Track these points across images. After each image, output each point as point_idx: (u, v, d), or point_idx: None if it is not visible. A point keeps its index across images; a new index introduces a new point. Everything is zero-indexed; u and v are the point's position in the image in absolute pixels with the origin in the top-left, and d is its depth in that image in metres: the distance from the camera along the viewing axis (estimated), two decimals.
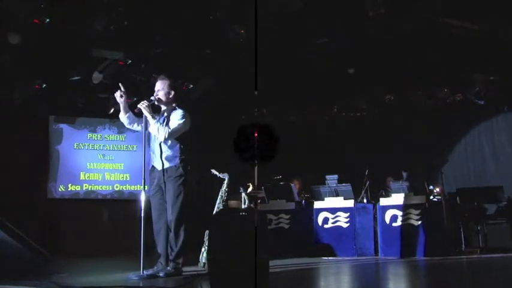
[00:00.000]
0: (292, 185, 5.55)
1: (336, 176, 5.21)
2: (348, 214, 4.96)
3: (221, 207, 3.81)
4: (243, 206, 4.44)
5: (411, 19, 4.44)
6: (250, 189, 4.88)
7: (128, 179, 6.18)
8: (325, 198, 5.18)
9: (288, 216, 5.24)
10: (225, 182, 3.87)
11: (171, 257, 3.18)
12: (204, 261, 3.68)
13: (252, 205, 4.40)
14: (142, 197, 3.17)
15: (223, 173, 3.87)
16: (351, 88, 5.96)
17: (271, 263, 2.59)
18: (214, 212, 3.81)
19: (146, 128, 3.26)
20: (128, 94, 3.39)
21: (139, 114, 3.29)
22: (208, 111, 5.86)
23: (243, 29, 4.41)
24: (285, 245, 4.96)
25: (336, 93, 6.14)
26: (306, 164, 6.15)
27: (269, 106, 6.34)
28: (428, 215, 4.61)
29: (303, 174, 5.97)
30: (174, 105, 3.33)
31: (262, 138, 4.04)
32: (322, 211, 5.11)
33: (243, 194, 4.48)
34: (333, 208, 5.06)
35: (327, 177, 5.25)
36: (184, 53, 4.91)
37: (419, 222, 4.59)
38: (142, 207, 3.13)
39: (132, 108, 3.33)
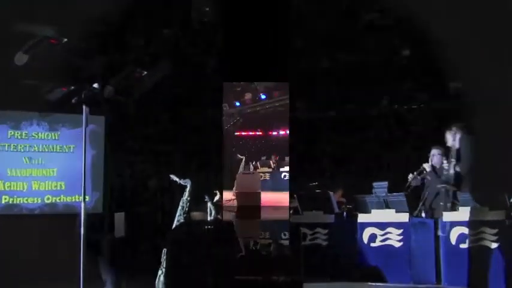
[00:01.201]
0: (331, 193, 5.39)
1: (385, 183, 4.93)
2: (401, 231, 4.71)
3: (182, 220, 3.80)
4: (208, 218, 4.45)
5: None
6: (217, 198, 4.92)
7: (62, 188, 5.90)
8: (372, 211, 4.94)
9: (325, 231, 5.07)
10: (187, 189, 3.87)
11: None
12: (161, 286, 3.62)
13: (219, 216, 4.40)
14: (83, 211, 3.09)
15: (184, 178, 3.86)
16: (405, 75, 5.52)
17: (305, 286, 2.52)
18: (174, 225, 3.80)
19: (87, 124, 3.16)
20: (64, 81, 3.24)
21: (77, 108, 3.16)
22: (166, 103, 5.75)
23: (209, 7, 4.34)
24: (322, 265, 4.77)
25: (386, 81, 5.64)
26: (349, 168, 5.88)
27: (303, 98, 5.90)
28: (508, 235, 4.27)
29: (344, 181, 5.72)
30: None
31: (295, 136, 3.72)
32: (368, 226, 4.90)
33: (209, 204, 4.49)
34: (382, 223, 4.81)
35: (374, 184, 5.01)
36: (136, 31, 4.77)
37: (496, 244, 4.28)
38: (82, 223, 3.05)
39: (69, 97, 3.20)
